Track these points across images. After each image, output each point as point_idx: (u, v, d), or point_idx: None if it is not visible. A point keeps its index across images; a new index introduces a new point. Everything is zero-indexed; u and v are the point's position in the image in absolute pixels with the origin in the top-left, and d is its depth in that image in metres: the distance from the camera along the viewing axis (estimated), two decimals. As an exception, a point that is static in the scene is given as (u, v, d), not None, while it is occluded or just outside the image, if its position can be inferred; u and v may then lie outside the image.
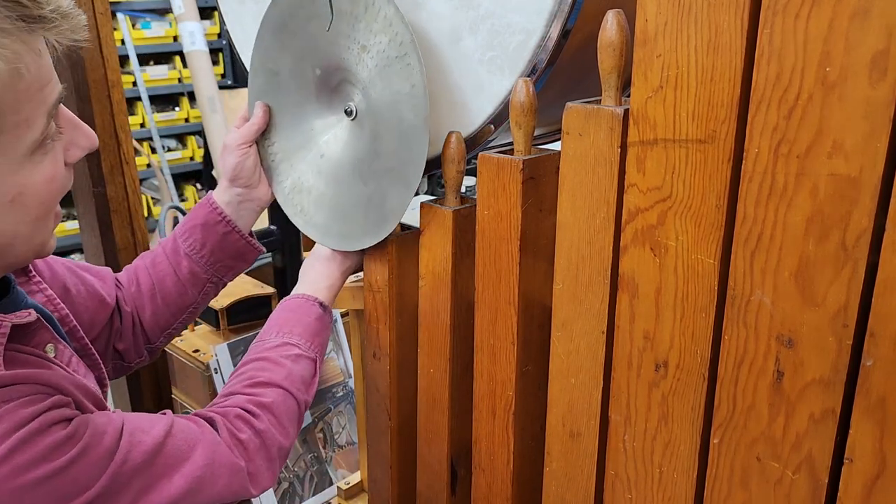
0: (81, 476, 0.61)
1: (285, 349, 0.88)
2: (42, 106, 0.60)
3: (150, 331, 0.98)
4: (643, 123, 0.64)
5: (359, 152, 0.91)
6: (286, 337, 0.90)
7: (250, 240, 1.00)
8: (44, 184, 0.62)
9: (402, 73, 0.81)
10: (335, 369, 1.63)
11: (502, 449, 0.87)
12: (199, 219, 0.97)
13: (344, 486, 1.34)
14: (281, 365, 0.86)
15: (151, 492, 0.67)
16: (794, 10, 0.53)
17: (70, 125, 0.66)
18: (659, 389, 0.69)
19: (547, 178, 0.78)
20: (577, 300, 0.74)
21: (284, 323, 0.92)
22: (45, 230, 0.66)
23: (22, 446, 0.58)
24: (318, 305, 0.95)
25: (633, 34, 0.64)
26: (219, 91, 2.83)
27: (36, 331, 0.69)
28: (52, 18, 0.58)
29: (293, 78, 0.94)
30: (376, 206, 0.90)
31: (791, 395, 0.59)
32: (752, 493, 0.64)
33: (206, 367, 1.51)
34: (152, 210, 3.74)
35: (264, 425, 0.80)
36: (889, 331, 0.52)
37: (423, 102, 0.80)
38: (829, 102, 0.53)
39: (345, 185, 0.93)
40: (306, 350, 0.90)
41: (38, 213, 0.63)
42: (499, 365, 0.84)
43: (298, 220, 1.00)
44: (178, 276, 0.97)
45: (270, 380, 0.84)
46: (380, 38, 0.82)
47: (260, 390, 0.83)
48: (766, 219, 0.57)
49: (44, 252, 0.69)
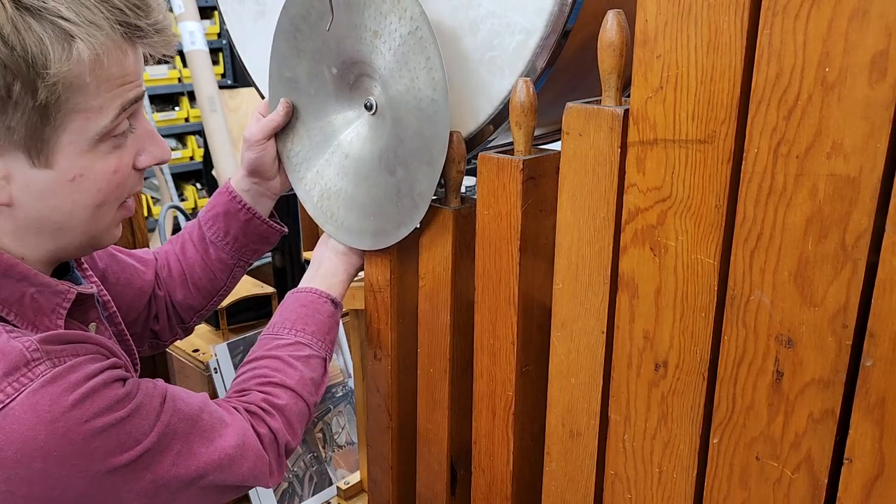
0: (136, 430, 0.66)
1: (297, 349, 0.90)
2: (118, 99, 0.65)
3: (183, 312, 1.02)
4: (643, 123, 0.64)
5: (382, 143, 0.90)
6: (299, 336, 0.91)
7: (272, 223, 1.02)
8: (106, 173, 0.67)
9: (417, 47, 0.80)
10: (335, 369, 1.63)
11: (502, 449, 0.87)
12: (220, 207, 0.99)
13: (343, 486, 1.34)
14: (293, 367, 0.88)
15: (189, 456, 0.71)
16: (794, 10, 0.53)
17: (147, 134, 0.72)
18: (658, 389, 0.69)
19: (547, 178, 0.78)
20: (576, 300, 0.74)
21: (297, 319, 0.93)
22: (103, 220, 0.70)
23: (93, 395, 0.63)
24: (331, 303, 0.96)
25: (633, 34, 0.64)
26: (219, 91, 2.83)
27: (88, 308, 0.76)
28: (147, 31, 0.65)
29: (311, 82, 0.93)
30: (406, 194, 0.88)
31: (790, 394, 0.59)
32: (751, 492, 0.64)
33: (206, 366, 1.51)
34: (152, 210, 3.74)
35: (277, 424, 0.82)
36: (889, 331, 0.52)
37: (441, 73, 0.78)
38: (829, 103, 0.53)
39: (372, 181, 0.92)
40: (318, 349, 0.91)
41: (97, 199, 0.68)
42: (499, 365, 0.84)
43: (329, 226, 0.99)
44: (207, 262, 1.00)
45: (283, 382, 0.86)
46: (390, 19, 0.81)
47: (274, 390, 0.85)
48: (766, 219, 0.58)
49: (102, 242, 0.74)
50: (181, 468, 0.70)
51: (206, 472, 0.72)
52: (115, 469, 0.64)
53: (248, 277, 1.77)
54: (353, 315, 1.19)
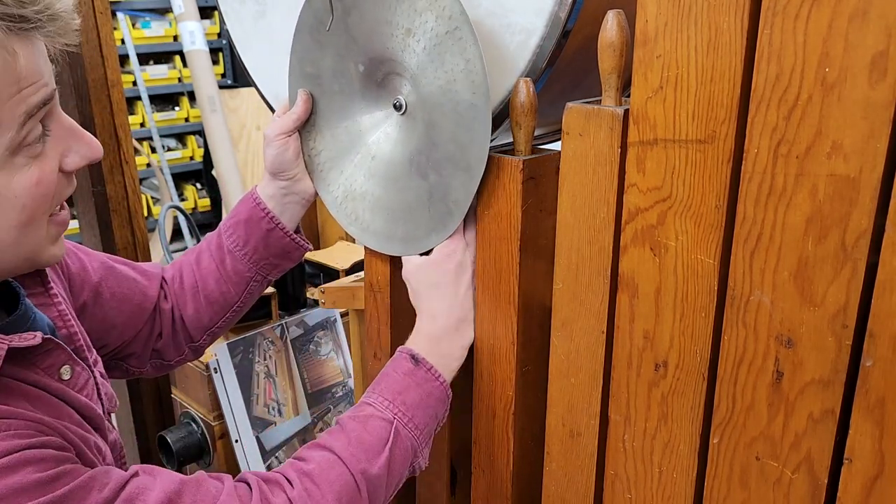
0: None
1: (359, 409, 0.79)
2: (19, 106, 0.57)
3: (193, 329, 0.95)
4: (643, 123, 0.64)
5: (413, 146, 0.86)
6: (367, 396, 0.80)
7: (295, 237, 0.95)
8: (27, 188, 0.59)
9: (455, 48, 0.75)
10: (335, 369, 1.64)
11: (502, 449, 0.87)
12: (242, 214, 0.93)
13: (344, 486, 1.34)
14: (345, 429, 0.76)
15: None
16: (794, 10, 0.53)
17: (69, 133, 0.64)
18: (658, 389, 0.69)
19: (547, 178, 0.78)
20: (577, 300, 0.74)
21: (375, 379, 0.83)
22: (35, 238, 0.63)
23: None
24: (410, 358, 0.82)
25: (633, 34, 0.64)
26: (219, 91, 2.83)
27: (50, 351, 0.66)
28: (35, 20, 0.56)
29: (335, 78, 0.90)
30: (439, 200, 0.84)
31: (790, 394, 0.59)
32: (751, 492, 0.64)
33: (206, 367, 1.51)
34: (152, 210, 3.74)
35: (296, 493, 0.70)
36: (888, 331, 0.52)
37: (482, 77, 0.74)
38: (829, 103, 0.53)
39: (402, 184, 0.88)
40: (381, 409, 0.78)
41: (22, 218, 0.60)
42: (499, 365, 0.84)
43: (353, 228, 0.95)
44: (221, 273, 0.94)
45: (325, 444, 0.75)
46: (426, 17, 0.77)
47: (308, 453, 0.75)
48: (766, 219, 0.58)
49: (40, 261, 0.66)
50: None
51: None
52: None
53: (248, 277, 1.77)
54: (354, 315, 1.19)
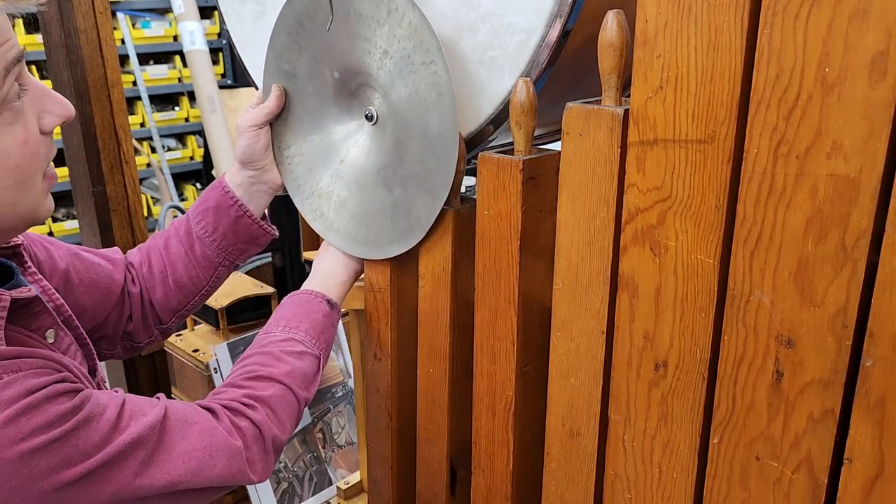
0: (84, 444, 0.63)
1: (289, 345, 0.88)
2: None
3: (162, 312, 0.98)
4: (643, 124, 0.64)
5: (382, 158, 0.89)
6: (292, 332, 0.90)
7: (262, 224, 0.99)
8: (17, 146, 0.63)
9: (429, 80, 0.80)
10: (335, 369, 1.63)
11: (502, 449, 0.87)
12: (211, 201, 0.97)
13: (343, 486, 1.34)
14: (283, 361, 0.86)
15: (152, 466, 0.68)
16: (794, 10, 0.53)
17: (41, 92, 0.66)
18: (658, 389, 0.69)
19: (547, 178, 0.78)
20: (576, 300, 0.74)
21: (291, 317, 0.92)
22: (30, 195, 0.66)
23: (29, 412, 0.60)
24: (326, 303, 0.94)
25: (633, 35, 0.64)
26: (219, 91, 2.83)
27: (39, 314, 0.71)
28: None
29: (311, 80, 0.93)
30: (402, 214, 0.88)
31: (790, 394, 0.59)
32: (751, 492, 0.64)
33: (206, 366, 1.51)
34: (152, 209, 3.74)
35: (261, 416, 0.80)
36: (888, 331, 0.52)
37: (452, 112, 0.78)
38: (829, 103, 0.53)
39: (368, 191, 0.92)
40: (310, 347, 0.90)
41: (16, 177, 0.64)
42: (499, 365, 0.84)
43: (317, 224, 0.99)
44: (190, 258, 0.97)
45: (271, 374, 0.84)
46: (404, 45, 0.80)
47: (259, 384, 0.83)
48: (766, 219, 0.58)
49: (37, 217, 0.69)
50: (146, 478, 0.67)
51: (174, 479, 0.69)
52: (63, 486, 0.61)
53: (247, 277, 1.77)
54: (354, 315, 1.19)
